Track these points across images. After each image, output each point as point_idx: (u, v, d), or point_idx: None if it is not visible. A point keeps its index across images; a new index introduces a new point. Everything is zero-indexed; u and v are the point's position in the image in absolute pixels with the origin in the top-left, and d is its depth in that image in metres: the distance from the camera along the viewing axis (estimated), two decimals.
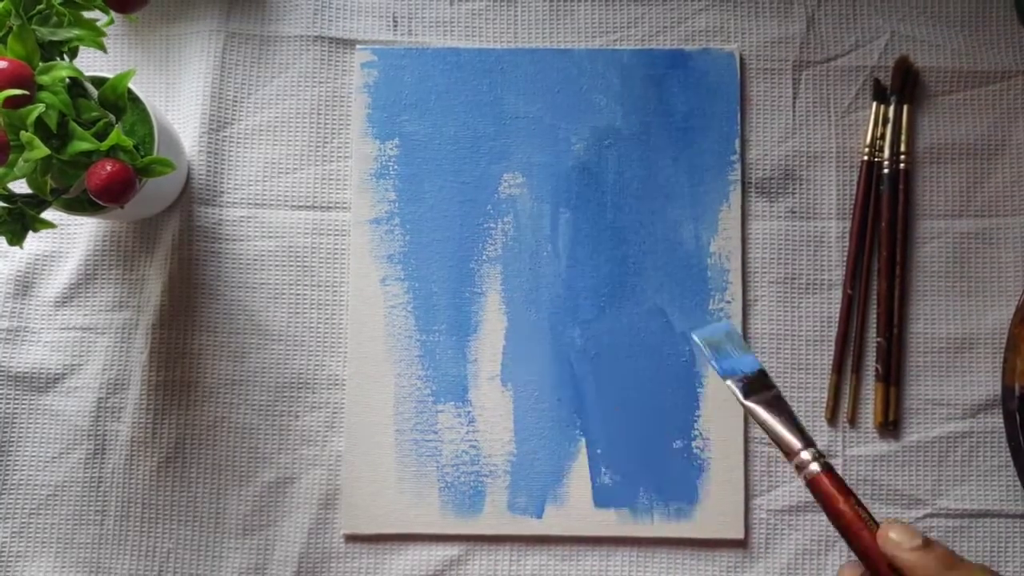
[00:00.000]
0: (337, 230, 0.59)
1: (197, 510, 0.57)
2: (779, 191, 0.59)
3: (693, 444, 0.56)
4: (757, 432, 0.57)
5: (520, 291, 0.58)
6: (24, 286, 0.58)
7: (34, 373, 0.58)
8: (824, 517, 0.56)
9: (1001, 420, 0.56)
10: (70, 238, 0.59)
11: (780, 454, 0.57)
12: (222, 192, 0.59)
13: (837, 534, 0.56)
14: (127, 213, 0.55)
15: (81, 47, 0.47)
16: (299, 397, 0.58)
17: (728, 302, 0.57)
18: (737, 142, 0.58)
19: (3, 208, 0.47)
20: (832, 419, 0.57)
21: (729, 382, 0.46)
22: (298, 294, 0.58)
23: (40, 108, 0.44)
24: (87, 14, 0.47)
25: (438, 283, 0.58)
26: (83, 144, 0.45)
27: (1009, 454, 0.55)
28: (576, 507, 0.56)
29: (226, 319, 0.58)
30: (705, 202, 0.58)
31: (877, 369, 0.57)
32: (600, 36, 0.60)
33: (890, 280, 0.57)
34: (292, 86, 0.60)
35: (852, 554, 0.44)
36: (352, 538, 0.57)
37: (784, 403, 0.46)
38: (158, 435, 0.57)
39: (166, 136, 0.54)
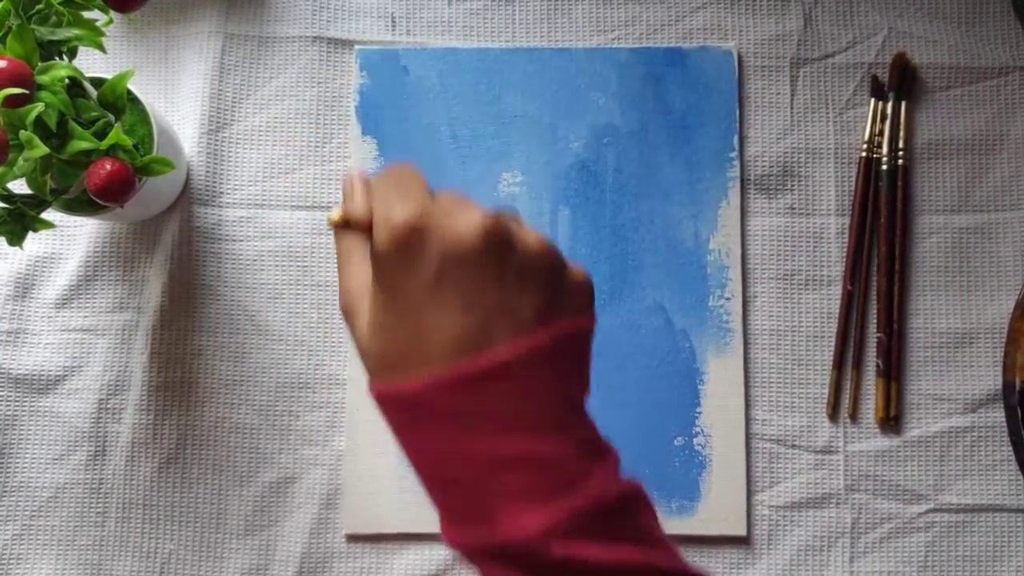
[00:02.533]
0: None
1: (198, 511, 0.57)
2: (778, 188, 0.59)
3: (694, 441, 0.56)
4: (759, 428, 0.57)
5: None
6: (24, 288, 0.58)
7: (34, 375, 0.58)
8: (826, 514, 0.56)
9: (1002, 414, 0.56)
10: (70, 239, 0.59)
11: (782, 450, 0.57)
12: (221, 192, 0.59)
13: (840, 531, 0.56)
14: (127, 214, 0.55)
15: (80, 47, 0.47)
16: (299, 397, 0.58)
17: (728, 298, 0.57)
18: (735, 139, 0.59)
19: (3, 208, 0.47)
20: (833, 415, 0.57)
21: None
22: (298, 294, 0.58)
23: (39, 107, 0.44)
24: (86, 14, 0.47)
25: None
26: (82, 143, 0.45)
27: (1010, 448, 0.55)
28: None
29: (226, 319, 0.58)
30: (704, 199, 0.58)
31: (878, 364, 0.57)
32: (598, 35, 0.60)
33: (889, 276, 0.57)
34: (291, 86, 0.60)
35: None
36: (353, 538, 0.57)
37: None
38: (159, 436, 0.57)
39: (165, 136, 0.54)
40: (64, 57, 0.47)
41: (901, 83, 0.59)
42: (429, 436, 0.35)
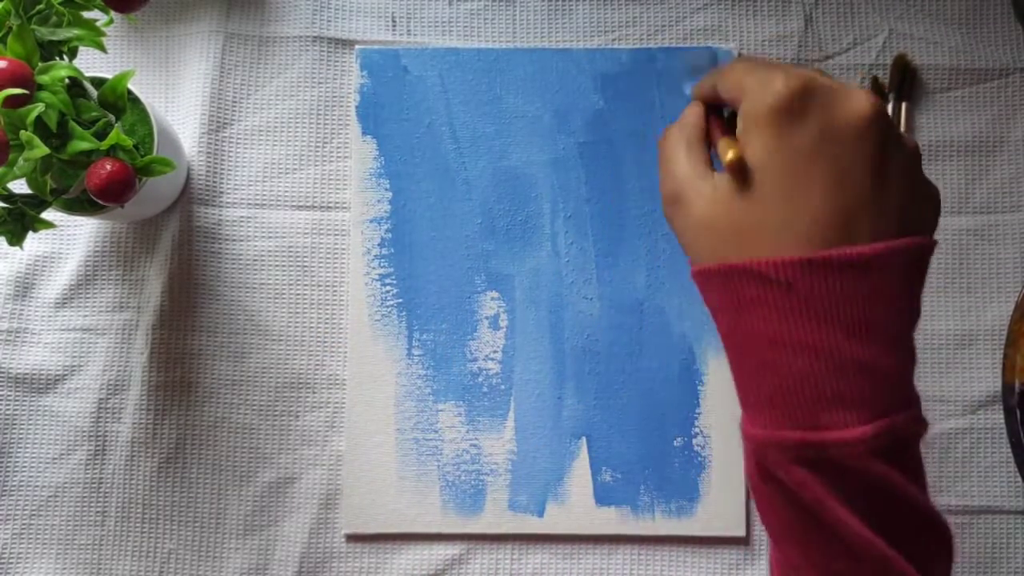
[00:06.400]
0: (337, 230, 0.59)
1: (198, 510, 0.57)
2: None
3: (694, 441, 0.56)
4: None
5: (520, 289, 0.58)
6: (24, 287, 0.58)
7: (34, 374, 0.58)
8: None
9: (1001, 416, 0.56)
10: (70, 239, 0.59)
11: None
12: (222, 192, 0.59)
13: None
14: (127, 213, 0.55)
15: (81, 47, 0.47)
16: (299, 397, 0.58)
17: None
18: None
19: (3, 208, 0.47)
20: None
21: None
22: (298, 294, 0.58)
23: (40, 107, 0.44)
24: (87, 14, 0.47)
25: (438, 282, 0.58)
26: (83, 143, 0.45)
27: (1009, 450, 0.55)
28: (577, 505, 0.56)
29: (226, 319, 0.58)
30: None
31: None
32: (599, 35, 0.60)
33: None
34: (291, 86, 0.60)
35: None
36: (353, 538, 0.57)
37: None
38: (158, 436, 0.57)
39: (166, 136, 0.54)
40: (64, 57, 0.47)
41: (902, 84, 0.59)
42: (765, 316, 0.34)
